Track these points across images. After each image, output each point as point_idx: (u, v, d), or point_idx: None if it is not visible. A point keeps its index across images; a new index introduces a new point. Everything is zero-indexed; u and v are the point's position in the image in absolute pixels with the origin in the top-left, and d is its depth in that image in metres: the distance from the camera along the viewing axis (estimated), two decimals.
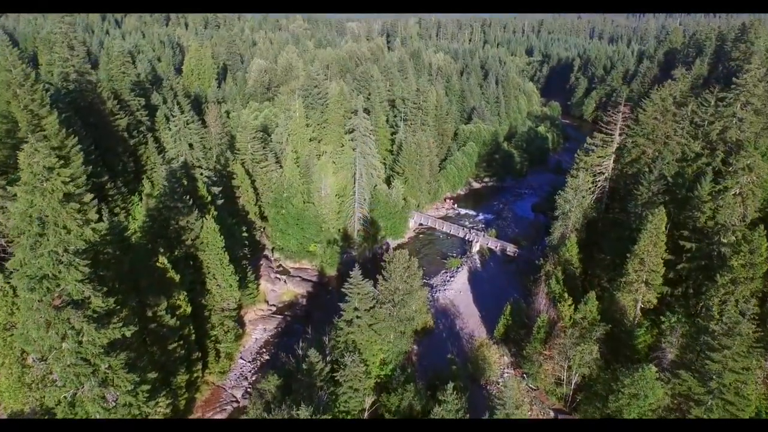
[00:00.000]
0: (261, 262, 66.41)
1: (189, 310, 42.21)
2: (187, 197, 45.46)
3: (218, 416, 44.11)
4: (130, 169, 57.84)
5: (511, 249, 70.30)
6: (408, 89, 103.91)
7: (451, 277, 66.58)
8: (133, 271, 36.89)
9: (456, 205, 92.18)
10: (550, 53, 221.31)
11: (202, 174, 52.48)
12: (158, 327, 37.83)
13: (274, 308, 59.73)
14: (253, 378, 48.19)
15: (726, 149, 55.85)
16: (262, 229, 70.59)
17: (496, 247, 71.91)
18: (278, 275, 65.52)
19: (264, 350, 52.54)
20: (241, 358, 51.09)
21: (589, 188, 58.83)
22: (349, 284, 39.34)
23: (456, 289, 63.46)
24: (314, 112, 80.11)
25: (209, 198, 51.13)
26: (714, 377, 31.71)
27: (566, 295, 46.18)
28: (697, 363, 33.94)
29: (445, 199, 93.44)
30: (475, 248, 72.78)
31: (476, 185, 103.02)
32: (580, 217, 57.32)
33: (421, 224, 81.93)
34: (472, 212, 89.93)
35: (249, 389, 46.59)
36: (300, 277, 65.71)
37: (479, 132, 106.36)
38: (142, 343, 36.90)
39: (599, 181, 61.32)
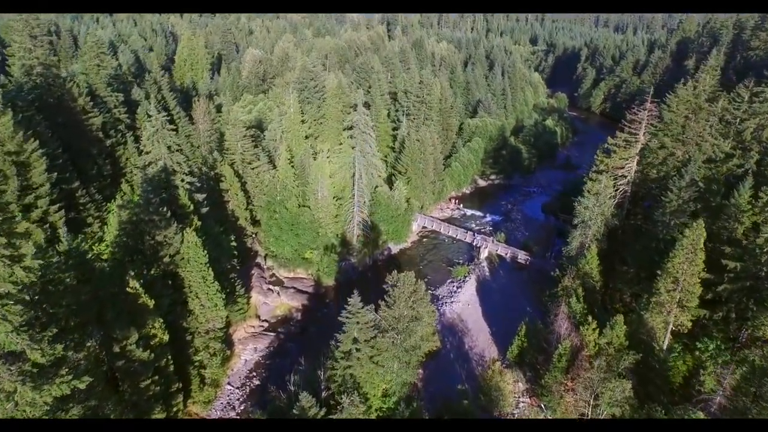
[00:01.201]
0: (252, 272, 61.38)
1: (166, 338, 37.35)
2: (165, 208, 40.33)
3: None
4: (106, 173, 52.47)
5: (522, 256, 65.24)
6: (410, 81, 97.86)
7: (458, 288, 61.60)
8: (96, 300, 31.92)
9: (461, 206, 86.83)
10: (555, 42, 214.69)
11: (183, 180, 47.24)
12: (128, 363, 32.95)
13: (266, 324, 54.80)
14: (241, 408, 43.45)
15: (761, 149, 50.87)
16: (253, 236, 65.48)
17: (506, 254, 66.81)
18: (271, 286, 60.43)
19: (254, 374, 47.67)
20: (228, 383, 46.22)
21: (610, 193, 53.83)
22: (348, 312, 34.38)
23: (464, 302, 58.55)
24: (310, 107, 74.62)
25: (192, 207, 45.93)
26: None
27: (590, 317, 41.35)
28: (754, 410, 29.16)
29: (449, 199, 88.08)
30: (484, 255, 67.70)
31: (482, 183, 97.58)
32: (601, 225, 52.28)
33: (424, 227, 76.74)
34: (478, 213, 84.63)
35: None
36: (294, 288, 60.62)
37: (485, 126, 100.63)
38: (109, 385, 32.11)
39: (620, 185, 56.24)
